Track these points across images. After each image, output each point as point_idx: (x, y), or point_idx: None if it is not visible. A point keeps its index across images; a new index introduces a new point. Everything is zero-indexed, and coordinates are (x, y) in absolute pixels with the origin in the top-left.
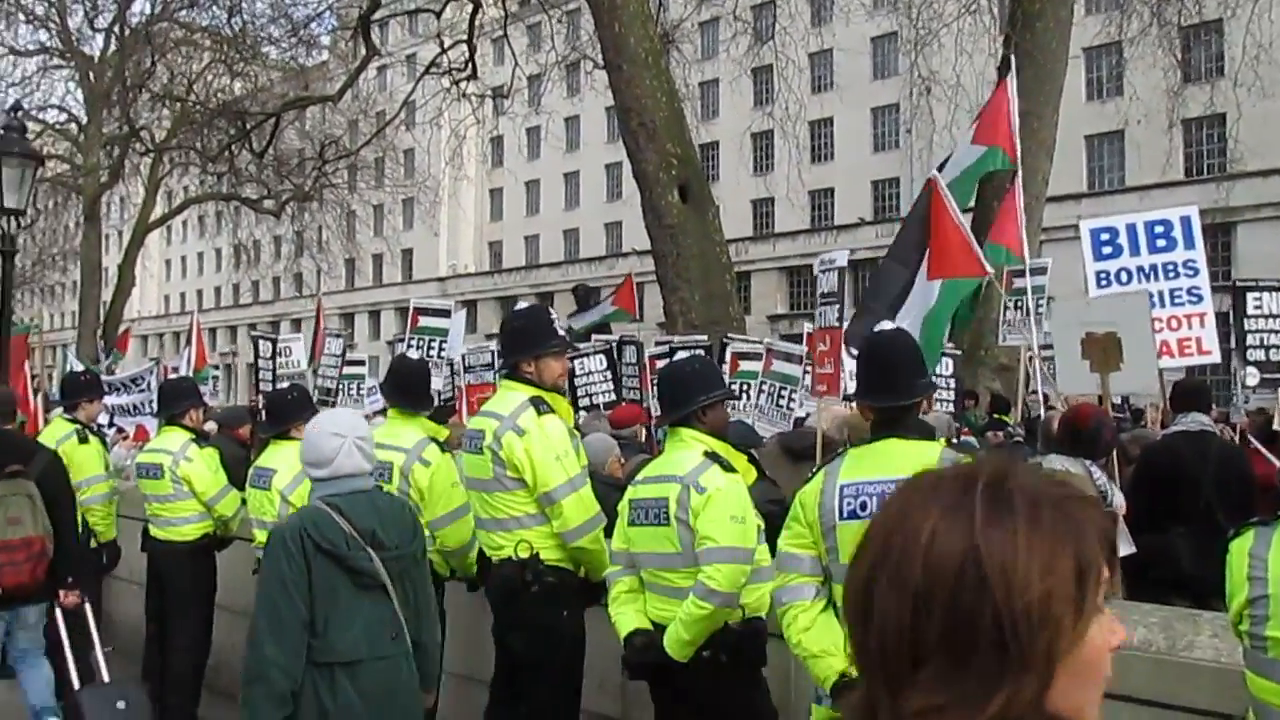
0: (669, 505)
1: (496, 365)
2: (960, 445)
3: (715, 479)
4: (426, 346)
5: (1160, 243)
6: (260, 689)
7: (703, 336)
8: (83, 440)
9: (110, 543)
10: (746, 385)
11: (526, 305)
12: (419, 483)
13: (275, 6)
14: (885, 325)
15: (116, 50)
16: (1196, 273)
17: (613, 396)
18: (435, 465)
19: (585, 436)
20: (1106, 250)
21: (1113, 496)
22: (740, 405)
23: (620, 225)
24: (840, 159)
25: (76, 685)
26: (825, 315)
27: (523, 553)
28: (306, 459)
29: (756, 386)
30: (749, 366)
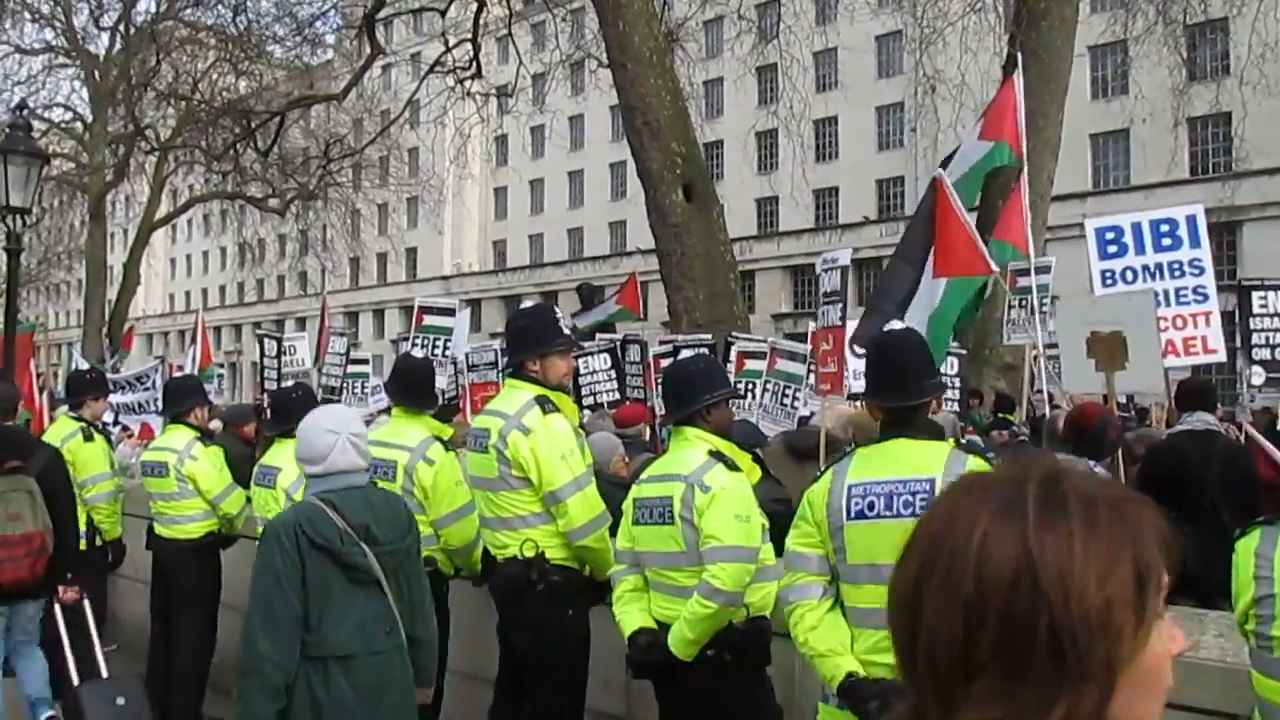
0: (673, 504)
1: (500, 364)
2: (968, 445)
3: (720, 478)
4: (431, 345)
5: (1165, 241)
6: (255, 682)
7: (707, 335)
8: (88, 438)
9: (115, 541)
10: (751, 384)
11: (531, 304)
12: (423, 481)
13: (280, 5)
14: (895, 325)
15: (122, 49)
16: (1202, 271)
17: (617, 395)
18: (439, 464)
19: (590, 435)
20: (1112, 249)
21: None
22: (745, 404)
23: (625, 224)
24: (845, 158)
25: (76, 681)
26: (828, 314)
27: (528, 552)
28: (301, 455)
29: (761, 385)
30: (754, 365)
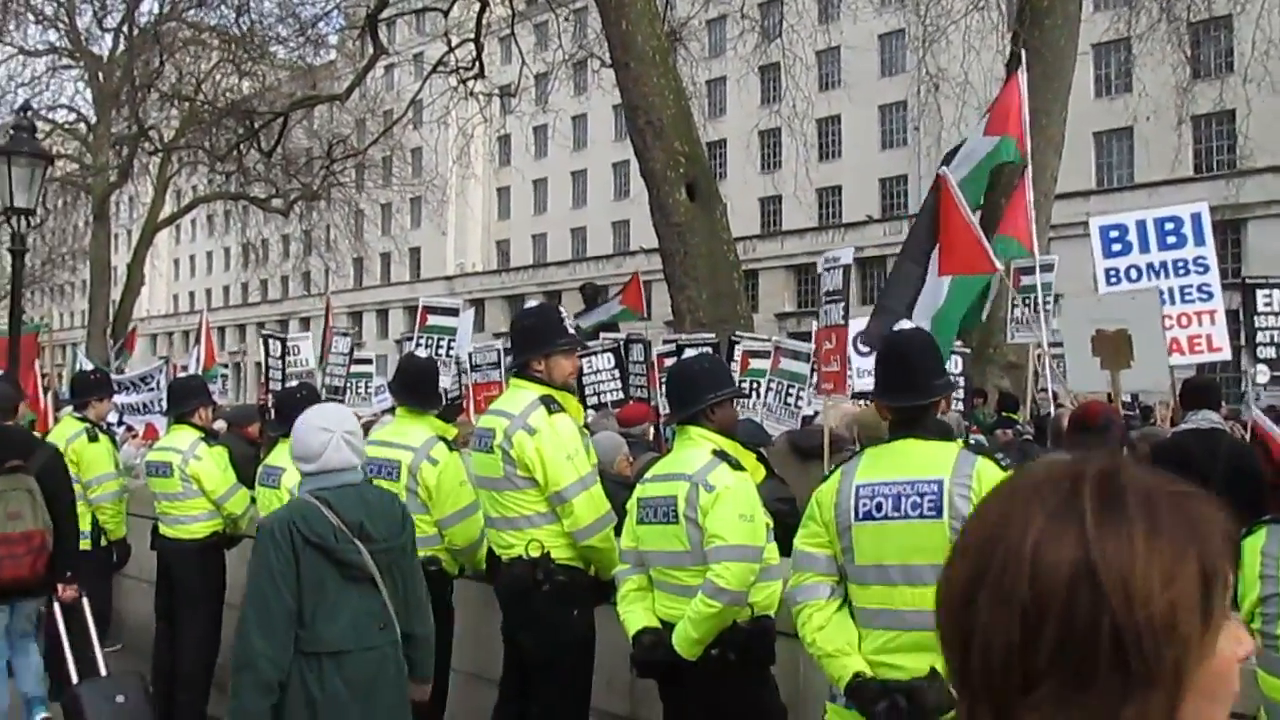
0: (677, 503)
1: (503, 364)
2: (976, 446)
3: (724, 477)
4: (435, 345)
5: (1170, 239)
6: (248, 677)
7: (710, 334)
8: (92, 439)
9: (120, 541)
10: (756, 384)
11: (536, 304)
12: (427, 481)
13: (283, 6)
14: (905, 324)
15: (125, 50)
16: (1207, 269)
17: (620, 395)
18: (443, 464)
19: (594, 435)
20: (1116, 247)
21: None
22: (749, 404)
23: (628, 224)
24: (848, 157)
25: (75, 679)
26: (830, 313)
27: (534, 552)
28: (295, 454)
29: (765, 385)
30: (759, 365)
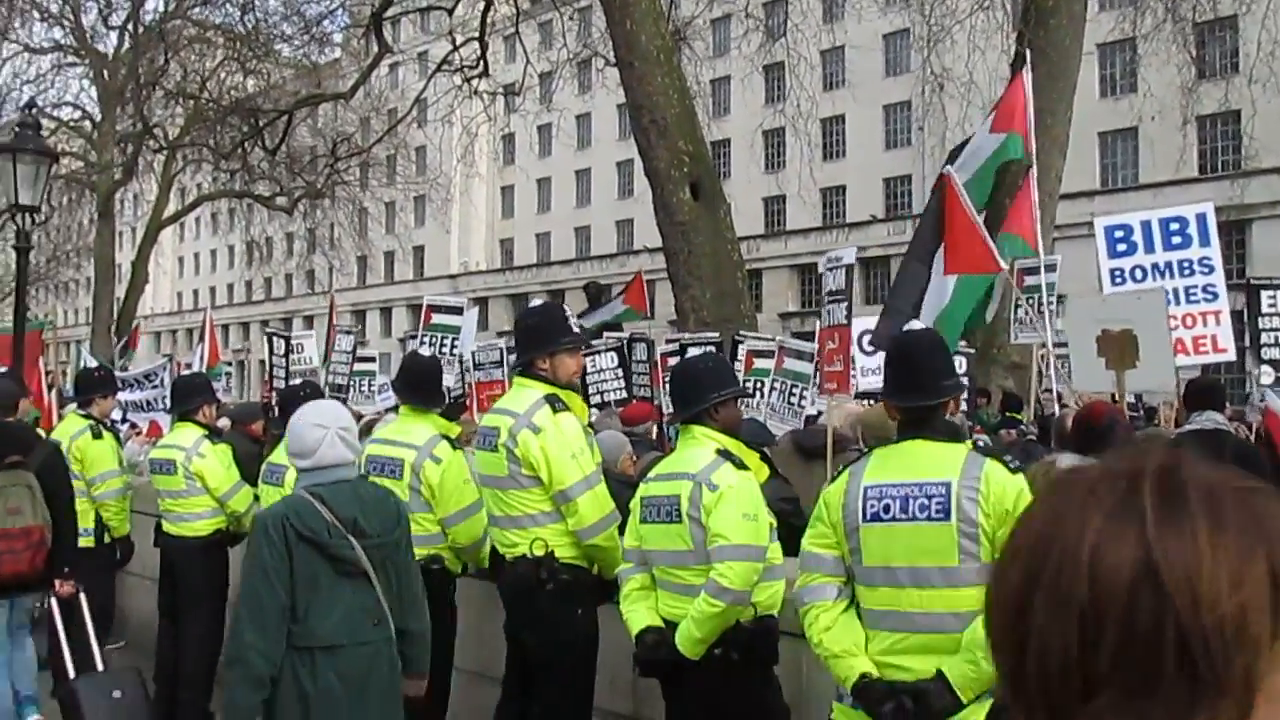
0: (681, 502)
1: (506, 362)
2: (986, 448)
3: (727, 476)
4: (439, 343)
5: (1175, 240)
6: (239, 671)
7: (714, 334)
8: (96, 436)
9: (124, 538)
10: (760, 383)
11: (540, 302)
12: (430, 480)
13: (288, 4)
14: (914, 324)
15: (130, 48)
16: (1212, 270)
17: (623, 394)
18: (446, 462)
19: (597, 434)
20: (1121, 247)
21: None
22: (753, 403)
23: (632, 223)
24: (852, 156)
25: (72, 674)
26: (833, 313)
27: (538, 550)
28: (291, 450)
29: (769, 384)
30: (763, 364)
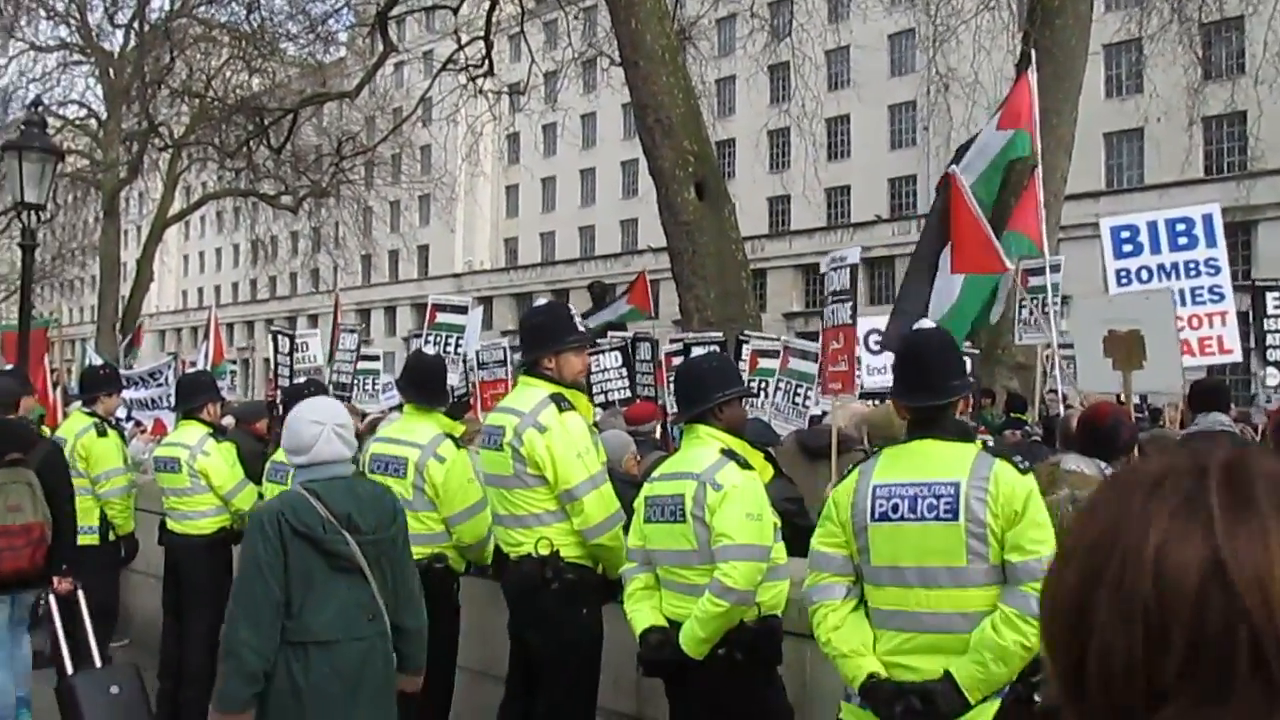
0: (685, 502)
1: (510, 361)
2: (995, 448)
3: (732, 476)
4: (444, 342)
5: (1181, 240)
6: (232, 665)
7: (718, 334)
8: (101, 433)
9: (128, 536)
10: (765, 383)
11: (545, 301)
12: (434, 478)
13: (293, 3)
14: (925, 324)
15: (136, 46)
16: (1218, 271)
17: (628, 393)
18: (450, 461)
19: (601, 434)
20: (1127, 248)
21: None
22: (758, 403)
23: (636, 222)
24: (857, 156)
25: (70, 670)
26: (838, 313)
27: (543, 550)
28: (287, 446)
29: (774, 384)
30: (768, 364)
